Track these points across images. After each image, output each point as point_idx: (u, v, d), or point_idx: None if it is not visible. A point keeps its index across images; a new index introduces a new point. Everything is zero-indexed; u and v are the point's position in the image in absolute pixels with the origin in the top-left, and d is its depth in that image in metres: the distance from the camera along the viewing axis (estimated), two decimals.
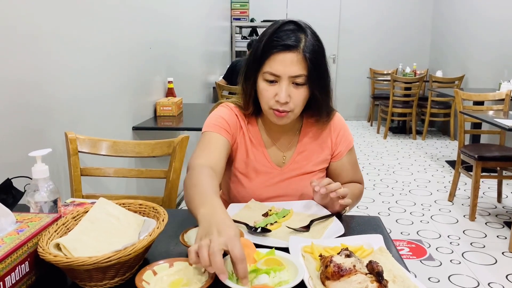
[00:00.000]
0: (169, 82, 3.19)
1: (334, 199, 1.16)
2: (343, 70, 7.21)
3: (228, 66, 4.97)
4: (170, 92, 3.20)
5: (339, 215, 1.18)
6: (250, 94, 1.25)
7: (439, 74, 6.00)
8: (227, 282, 0.80)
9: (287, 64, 1.14)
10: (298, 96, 1.18)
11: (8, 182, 1.22)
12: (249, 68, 1.22)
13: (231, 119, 1.30)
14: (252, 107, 1.28)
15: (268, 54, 1.16)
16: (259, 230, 1.06)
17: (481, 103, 3.96)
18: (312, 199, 1.26)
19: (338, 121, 1.37)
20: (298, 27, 1.18)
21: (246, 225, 1.08)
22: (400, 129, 6.44)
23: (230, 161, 1.35)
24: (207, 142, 1.23)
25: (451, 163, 4.68)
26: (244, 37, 6.43)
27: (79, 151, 1.65)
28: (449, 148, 5.53)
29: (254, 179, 1.33)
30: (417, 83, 5.74)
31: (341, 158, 1.37)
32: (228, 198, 1.42)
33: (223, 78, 4.71)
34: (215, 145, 1.22)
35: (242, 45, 6.17)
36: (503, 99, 3.48)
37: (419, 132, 6.18)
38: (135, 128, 2.59)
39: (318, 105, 1.24)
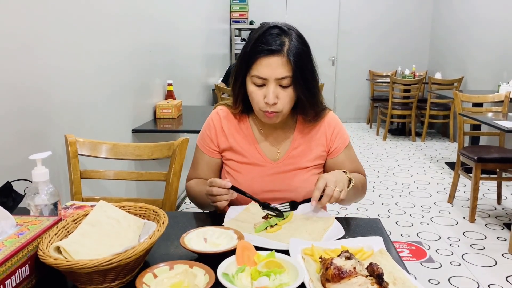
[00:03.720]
0: (168, 84, 3.20)
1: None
2: (342, 72, 7.21)
3: (226, 69, 4.98)
4: (169, 95, 3.20)
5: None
6: (239, 94, 1.33)
7: (438, 76, 6.01)
8: (225, 282, 0.80)
9: (273, 68, 1.20)
10: (285, 97, 1.24)
11: (8, 185, 1.22)
12: (237, 71, 1.30)
13: (212, 131, 1.41)
14: (241, 106, 1.36)
15: (255, 59, 1.22)
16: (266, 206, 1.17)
17: (480, 105, 3.97)
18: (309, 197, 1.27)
19: (332, 119, 1.42)
20: (282, 31, 1.23)
21: (258, 201, 1.18)
22: (399, 131, 6.44)
23: (223, 162, 1.43)
24: (195, 161, 1.45)
25: (451, 165, 4.68)
26: (243, 40, 6.44)
27: (78, 154, 1.65)
28: (449, 150, 5.54)
29: (247, 174, 1.37)
30: (416, 85, 5.74)
31: (338, 155, 1.40)
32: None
33: (222, 81, 4.72)
34: (201, 164, 1.43)
35: (241, 47, 6.18)
36: (502, 101, 3.49)
37: (418, 134, 6.18)
38: (134, 131, 2.59)
39: (304, 104, 1.30)
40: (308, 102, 1.29)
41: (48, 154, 1.06)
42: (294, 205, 1.21)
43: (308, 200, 1.17)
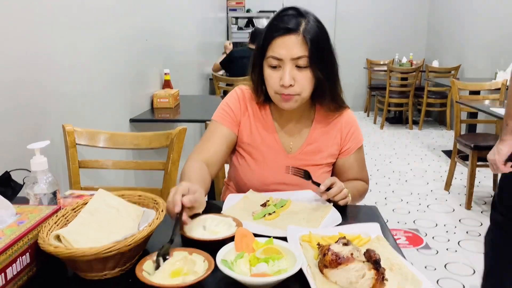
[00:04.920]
0: (165, 74, 3.18)
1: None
2: (339, 61, 6.99)
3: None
4: (167, 84, 3.19)
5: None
6: (258, 82, 1.29)
7: (435, 64, 6.01)
8: (224, 269, 0.81)
9: (288, 47, 1.17)
10: (302, 79, 1.20)
11: (6, 174, 1.23)
12: (255, 57, 1.26)
13: (235, 104, 1.35)
14: (262, 96, 1.32)
15: (270, 39, 1.19)
16: None
17: (477, 92, 3.97)
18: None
19: (350, 119, 1.39)
20: (298, 13, 1.22)
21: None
22: (396, 119, 6.45)
23: (238, 145, 1.38)
24: (209, 134, 1.33)
25: (448, 153, 4.70)
26: (240, 28, 6.41)
27: (77, 144, 1.65)
28: (446, 137, 5.56)
29: (261, 162, 1.35)
30: (414, 73, 5.74)
31: (348, 155, 1.38)
32: (235, 185, 1.43)
33: (220, 63, 4.60)
34: (215, 137, 1.32)
35: (238, 36, 6.14)
36: (499, 89, 3.49)
37: (415, 122, 6.20)
38: (132, 120, 2.59)
39: (323, 89, 1.26)
40: (327, 87, 1.25)
41: (46, 143, 1.06)
42: (307, 175, 1.20)
43: (318, 184, 1.17)
